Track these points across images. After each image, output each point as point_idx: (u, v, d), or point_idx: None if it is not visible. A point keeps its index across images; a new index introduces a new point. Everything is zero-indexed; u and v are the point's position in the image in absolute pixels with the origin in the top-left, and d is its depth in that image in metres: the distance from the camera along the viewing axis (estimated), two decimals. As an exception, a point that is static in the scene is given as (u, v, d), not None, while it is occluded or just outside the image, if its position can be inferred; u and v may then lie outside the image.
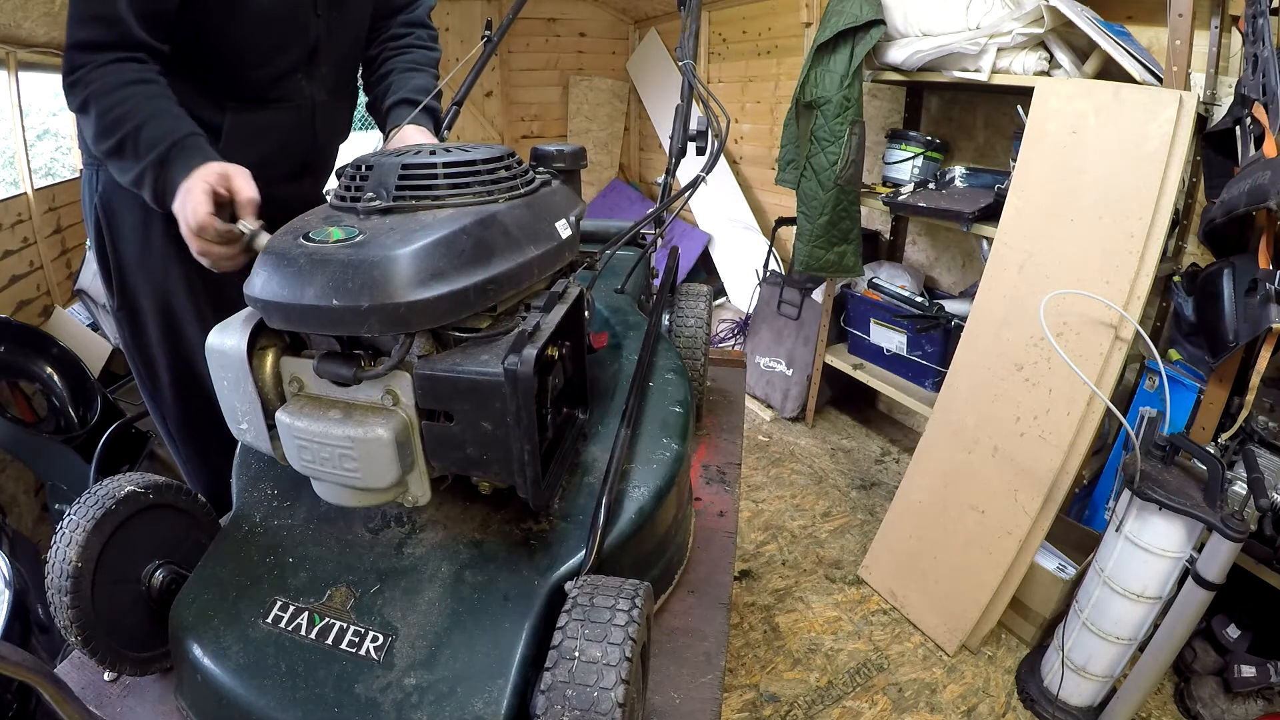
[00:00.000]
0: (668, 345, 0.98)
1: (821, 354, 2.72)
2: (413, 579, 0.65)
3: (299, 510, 0.72)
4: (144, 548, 0.67)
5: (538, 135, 4.71)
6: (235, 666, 0.60)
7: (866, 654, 1.77)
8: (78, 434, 2.07)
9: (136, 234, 1.12)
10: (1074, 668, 1.51)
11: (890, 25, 2.08)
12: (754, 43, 3.46)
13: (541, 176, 0.76)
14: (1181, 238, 1.82)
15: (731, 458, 1.11)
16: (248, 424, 0.62)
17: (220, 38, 1.02)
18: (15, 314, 2.62)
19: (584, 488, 0.71)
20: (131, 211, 1.11)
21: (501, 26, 1.33)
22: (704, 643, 0.74)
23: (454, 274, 0.57)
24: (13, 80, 2.71)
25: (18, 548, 1.62)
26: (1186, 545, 1.33)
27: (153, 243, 1.13)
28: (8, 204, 2.71)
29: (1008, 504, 1.66)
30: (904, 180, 2.36)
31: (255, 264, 0.58)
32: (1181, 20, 1.49)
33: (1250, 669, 1.49)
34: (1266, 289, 1.26)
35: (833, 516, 2.34)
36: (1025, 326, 1.66)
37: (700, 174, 0.99)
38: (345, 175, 0.67)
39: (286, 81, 1.12)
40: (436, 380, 0.58)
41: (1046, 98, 1.67)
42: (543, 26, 4.45)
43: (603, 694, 0.48)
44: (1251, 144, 1.32)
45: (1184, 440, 1.36)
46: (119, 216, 1.12)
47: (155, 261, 1.14)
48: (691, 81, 1.09)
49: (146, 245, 1.13)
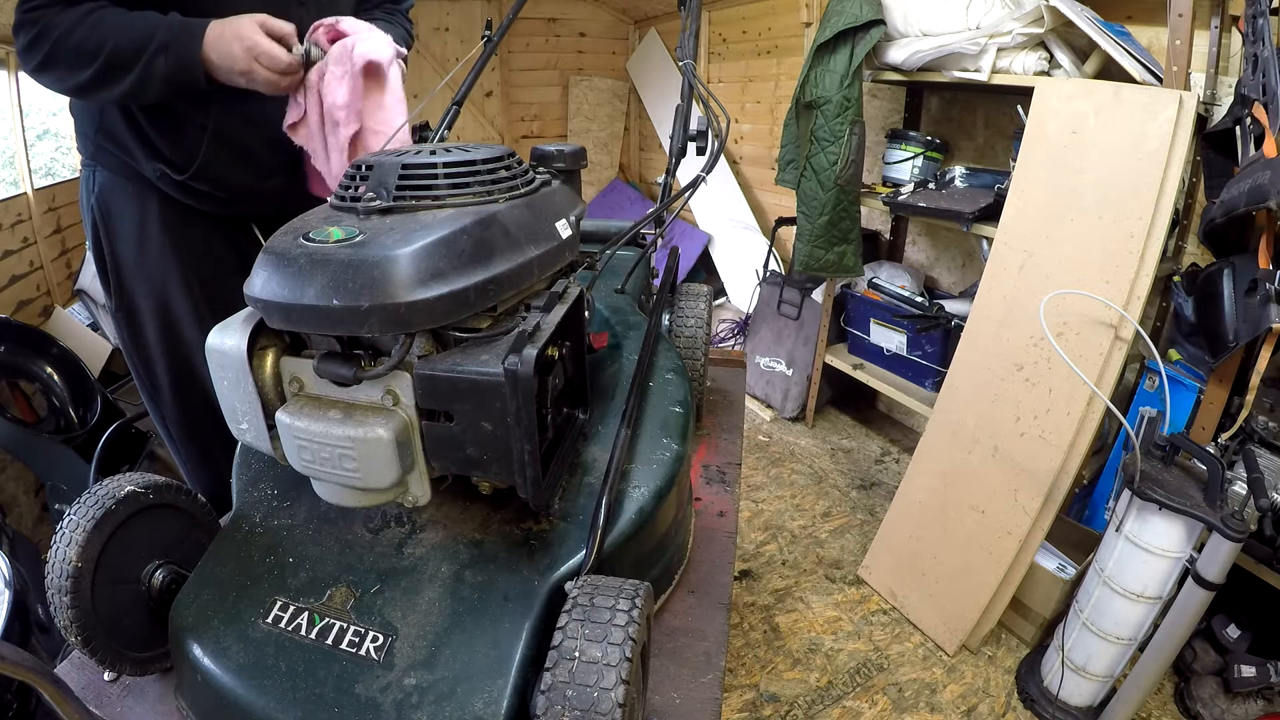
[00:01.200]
0: (668, 345, 0.97)
1: (821, 354, 2.72)
2: (413, 579, 0.65)
3: (299, 510, 0.72)
4: (144, 548, 0.67)
5: (538, 135, 4.71)
6: (235, 666, 0.60)
7: (866, 654, 1.77)
8: (78, 434, 2.07)
9: (133, 235, 1.12)
10: (1074, 668, 1.51)
11: (890, 25, 2.08)
12: (754, 43, 3.46)
13: (541, 176, 0.76)
14: (1181, 238, 1.82)
15: (731, 458, 1.10)
16: (248, 424, 0.62)
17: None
18: (15, 314, 2.63)
19: (584, 488, 0.71)
20: (128, 212, 1.11)
21: (501, 26, 1.33)
22: (704, 643, 0.74)
23: (454, 274, 0.57)
24: (13, 80, 2.71)
25: (18, 548, 1.62)
26: (1186, 545, 1.33)
27: (150, 243, 1.13)
28: (8, 204, 2.71)
29: (1008, 504, 1.66)
30: (904, 180, 2.36)
31: (255, 264, 0.58)
32: (1181, 20, 1.49)
33: (1250, 669, 1.49)
34: (1266, 289, 1.26)
35: (833, 516, 2.34)
36: (1025, 326, 1.66)
37: (700, 174, 0.99)
38: (345, 175, 0.67)
39: None
40: (436, 380, 0.58)
41: (1046, 98, 1.67)
42: (543, 26, 4.45)
43: (603, 694, 0.48)
44: (1251, 144, 1.31)
45: (1184, 440, 1.36)
46: (116, 217, 1.12)
47: (153, 262, 1.14)
48: (691, 81, 1.09)
49: (143, 246, 1.13)
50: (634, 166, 4.87)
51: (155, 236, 1.12)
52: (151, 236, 1.12)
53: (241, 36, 0.95)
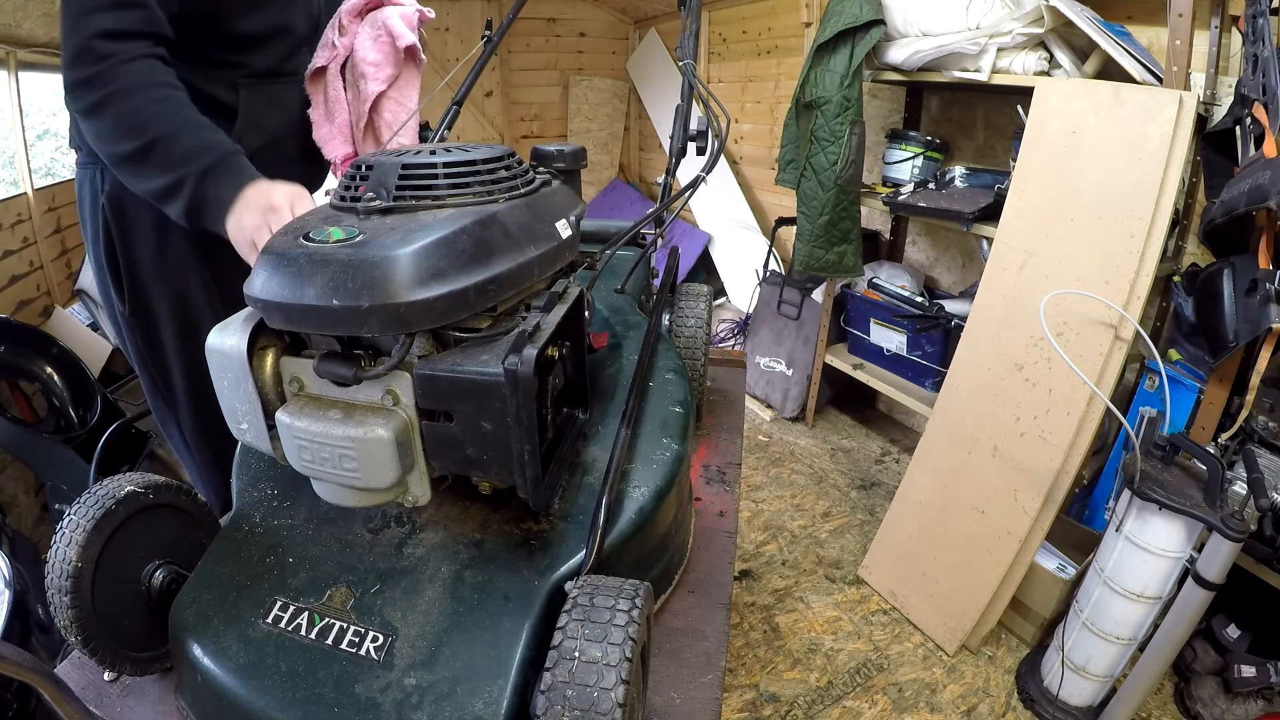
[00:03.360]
0: (668, 345, 0.97)
1: (821, 354, 2.72)
2: (413, 579, 0.65)
3: (299, 510, 0.72)
4: (144, 548, 0.67)
5: (538, 135, 4.71)
6: (235, 666, 0.60)
7: (866, 654, 1.77)
8: (78, 434, 2.07)
9: (151, 235, 1.08)
10: (1074, 668, 1.51)
11: (890, 25, 2.08)
12: (754, 43, 3.46)
13: (541, 176, 0.76)
14: (1181, 238, 1.82)
15: (731, 458, 1.10)
16: (248, 424, 0.62)
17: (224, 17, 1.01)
18: (15, 314, 2.62)
19: (584, 488, 0.71)
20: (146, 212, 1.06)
21: (501, 26, 1.33)
22: (704, 643, 0.74)
23: (454, 274, 0.57)
24: (13, 80, 2.71)
25: (18, 548, 1.63)
26: (1186, 545, 1.33)
27: (170, 244, 1.09)
28: (8, 204, 2.71)
29: (1008, 504, 1.66)
30: (904, 180, 2.36)
31: (255, 264, 0.58)
32: (1181, 20, 1.49)
33: (1250, 669, 1.49)
34: (1266, 289, 1.26)
35: (833, 516, 2.34)
36: (1025, 326, 1.66)
37: (700, 174, 0.99)
38: (345, 175, 0.67)
39: (295, 56, 1.13)
40: (436, 380, 0.58)
41: (1046, 98, 1.67)
42: (543, 26, 4.45)
43: (603, 694, 0.48)
44: (1251, 144, 1.31)
45: (1184, 440, 1.36)
46: (131, 218, 1.07)
47: (173, 263, 1.10)
48: (691, 81, 1.09)
49: (163, 247, 1.09)
50: (634, 166, 4.87)
51: (176, 236, 1.07)
52: (172, 236, 1.07)
53: (274, 207, 0.86)
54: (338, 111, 1.15)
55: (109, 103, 0.85)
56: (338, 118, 1.15)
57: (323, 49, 1.13)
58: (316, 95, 1.15)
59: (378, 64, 1.10)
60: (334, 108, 1.15)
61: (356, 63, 1.11)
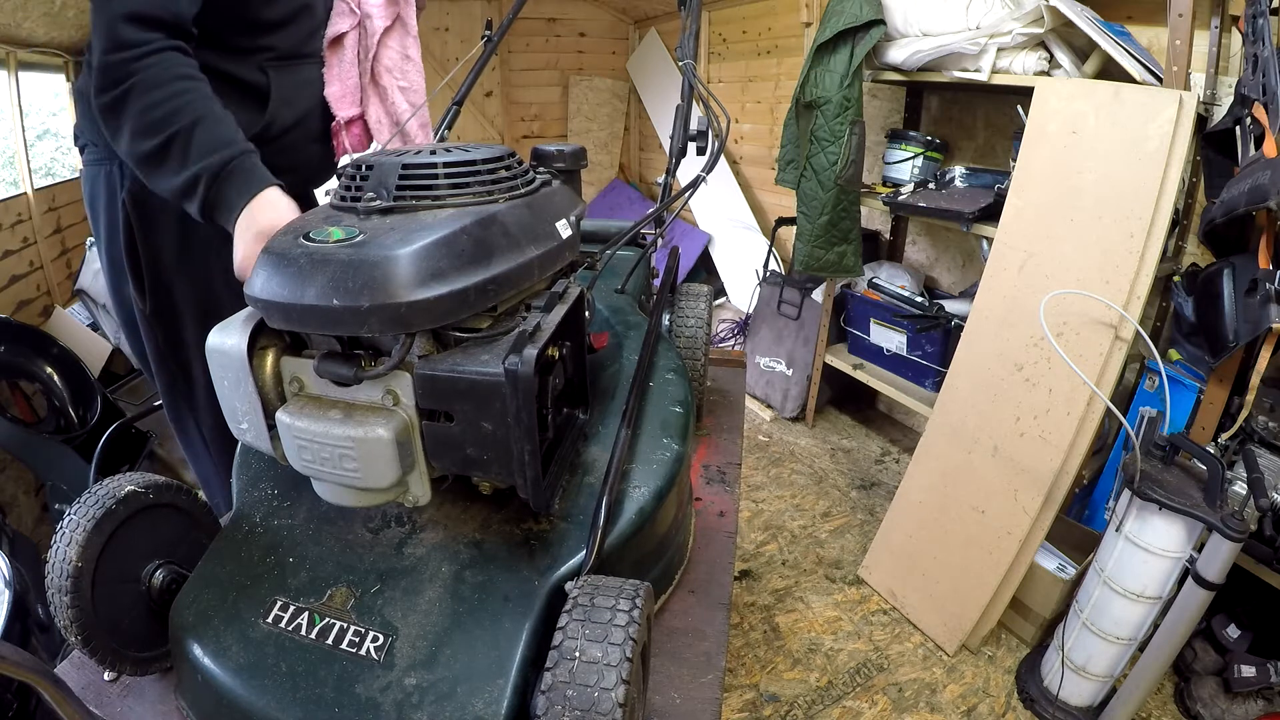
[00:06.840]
0: (668, 345, 0.97)
1: (821, 354, 2.72)
2: (413, 579, 0.65)
3: (299, 510, 0.72)
4: (144, 548, 0.67)
5: (538, 135, 4.71)
6: (235, 666, 0.60)
7: (866, 654, 1.77)
8: (78, 434, 2.07)
9: (174, 230, 1.07)
10: (1074, 668, 1.51)
11: (890, 25, 2.08)
12: (754, 43, 3.46)
13: (542, 176, 0.76)
14: (1181, 238, 1.82)
15: (731, 458, 1.11)
16: (248, 424, 0.62)
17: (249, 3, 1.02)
18: (15, 314, 2.62)
19: (584, 488, 0.71)
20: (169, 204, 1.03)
21: (501, 26, 1.33)
22: (704, 643, 0.74)
23: (454, 274, 0.57)
24: (13, 80, 2.71)
25: (18, 548, 1.62)
26: (1186, 545, 1.33)
27: (194, 238, 1.07)
28: (8, 204, 2.71)
29: (1008, 504, 1.66)
30: (904, 180, 2.36)
31: (256, 264, 0.58)
32: (1181, 20, 1.49)
33: (1250, 669, 1.49)
34: (1266, 289, 1.26)
35: (833, 516, 2.34)
36: (1025, 326, 1.66)
37: (700, 174, 0.99)
38: (345, 175, 0.67)
39: (316, 37, 1.15)
40: (437, 380, 0.58)
41: (1046, 98, 1.67)
42: (543, 26, 4.45)
43: (603, 694, 0.48)
44: (1251, 144, 1.31)
45: (1184, 440, 1.36)
46: (155, 212, 1.05)
47: (197, 258, 1.08)
48: (692, 81, 1.09)
49: (187, 242, 1.07)
50: (634, 166, 4.87)
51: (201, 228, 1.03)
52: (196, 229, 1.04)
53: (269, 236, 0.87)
54: (349, 74, 1.21)
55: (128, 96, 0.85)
56: (349, 80, 1.21)
57: (341, 17, 1.17)
58: (332, 58, 1.20)
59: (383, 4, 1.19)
60: (347, 69, 1.21)
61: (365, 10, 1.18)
